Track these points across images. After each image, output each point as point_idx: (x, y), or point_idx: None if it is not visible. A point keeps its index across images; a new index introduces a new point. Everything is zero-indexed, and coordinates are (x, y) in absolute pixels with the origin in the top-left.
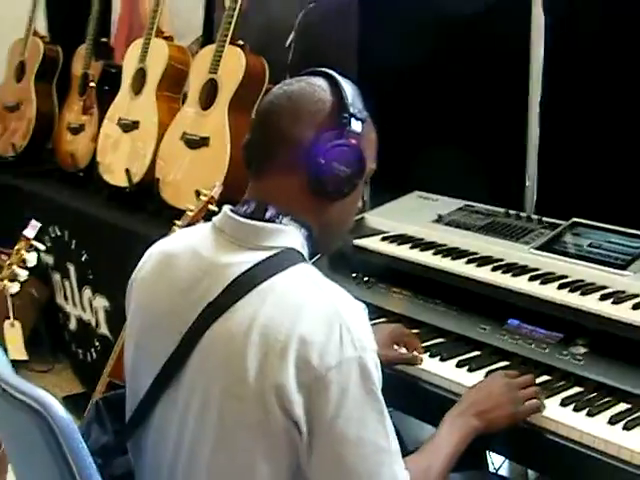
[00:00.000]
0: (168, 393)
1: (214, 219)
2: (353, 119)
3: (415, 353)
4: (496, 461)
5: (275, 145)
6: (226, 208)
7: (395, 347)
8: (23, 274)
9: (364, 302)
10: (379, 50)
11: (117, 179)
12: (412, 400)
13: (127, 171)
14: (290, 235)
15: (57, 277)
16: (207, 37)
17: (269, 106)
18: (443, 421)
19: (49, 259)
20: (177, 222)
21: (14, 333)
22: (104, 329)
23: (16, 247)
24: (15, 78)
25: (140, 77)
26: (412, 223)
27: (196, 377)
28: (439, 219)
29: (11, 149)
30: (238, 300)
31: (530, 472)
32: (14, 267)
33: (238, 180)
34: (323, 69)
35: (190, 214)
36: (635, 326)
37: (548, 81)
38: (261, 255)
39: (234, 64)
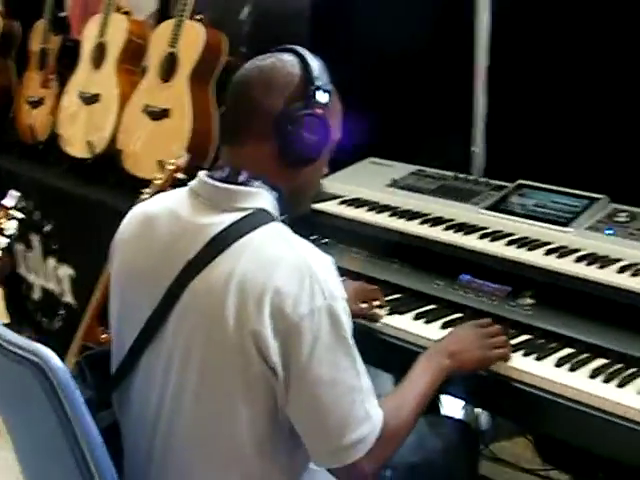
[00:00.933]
0: (152, 344)
1: (190, 184)
2: (320, 91)
3: (377, 310)
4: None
5: (248, 115)
6: (201, 173)
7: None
8: (3, 241)
9: None
10: (333, 21)
11: (78, 151)
12: (374, 351)
13: (89, 143)
14: (262, 197)
15: (20, 248)
16: (162, 11)
17: (242, 79)
18: (417, 362)
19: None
20: (145, 190)
21: None
22: (69, 297)
23: None
24: None
25: (100, 51)
26: (367, 187)
27: (179, 328)
28: (393, 183)
29: None
30: (216, 257)
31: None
32: None
33: (199, 149)
34: (292, 46)
35: (158, 182)
36: (578, 278)
37: (494, 47)
38: (236, 216)
39: (193, 38)
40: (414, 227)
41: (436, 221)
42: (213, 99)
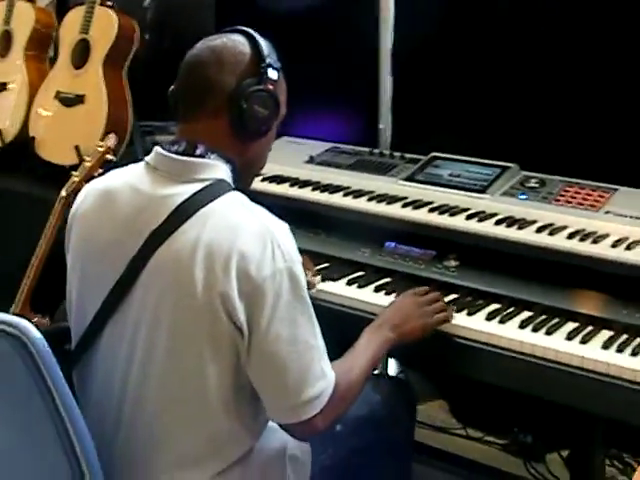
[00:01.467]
0: (117, 314)
1: (147, 158)
2: (270, 68)
3: (311, 278)
4: None
5: (202, 92)
6: (157, 148)
7: None
8: None
9: None
10: (236, 7)
11: None
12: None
13: None
14: (219, 169)
15: None
16: None
17: (194, 59)
18: (362, 335)
19: None
20: (74, 173)
21: None
22: None
23: None
24: None
25: (6, 39)
26: (286, 164)
27: (146, 296)
28: (310, 160)
29: None
30: (180, 225)
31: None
32: None
33: (116, 134)
34: (240, 27)
35: (88, 164)
36: (499, 239)
37: (398, 25)
38: (196, 186)
39: (106, 24)
40: (337, 199)
41: (358, 193)
42: (127, 84)
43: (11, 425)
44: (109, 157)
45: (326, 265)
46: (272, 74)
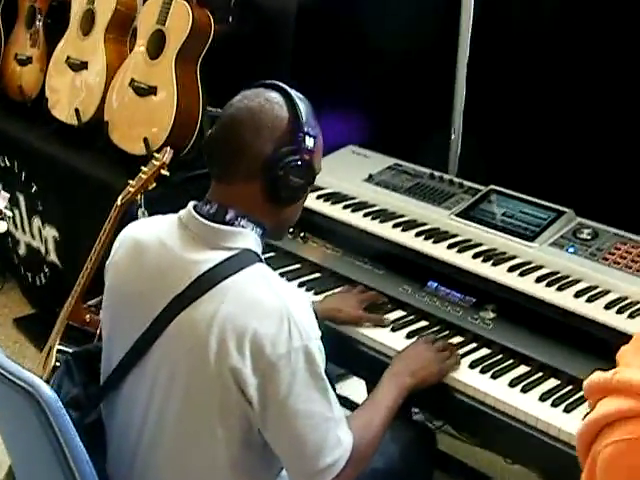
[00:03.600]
0: (139, 366)
1: (180, 214)
2: (307, 137)
3: (382, 316)
4: None
5: (237, 156)
6: (190, 206)
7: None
8: None
9: (299, 256)
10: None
11: (66, 116)
12: (345, 356)
13: (77, 111)
14: (247, 237)
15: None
16: None
17: (232, 120)
18: (381, 381)
19: None
20: (130, 183)
21: None
22: (53, 257)
23: None
24: None
25: (89, 18)
26: (346, 180)
27: (163, 357)
28: (369, 178)
29: None
30: (202, 295)
31: None
32: None
33: (183, 128)
34: (278, 83)
35: (143, 177)
36: (537, 298)
37: (475, 45)
38: (222, 255)
39: (181, 18)
40: (387, 230)
41: (408, 225)
42: (198, 78)
43: (23, 461)
44: (164, 172)
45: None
46: (309, 142)
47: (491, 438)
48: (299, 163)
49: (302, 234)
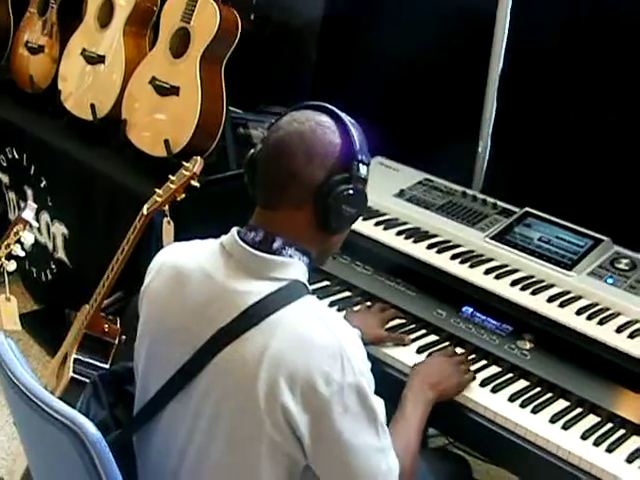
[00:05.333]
0: (177, 401)
1: (223, 241)
2: (361, 164)
3: (403, 335)
4: None
5: (287, 182)
6: (234, 232)
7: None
8: (20, 252)
9: (328, 273)
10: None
11: (80, 111)
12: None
13: (92, 106)
14: (295, 267)
15: (12, 196)
16: None
17: (281, 144)
18: (405, 399)
19: (4, 177)
20: (158, 192)
21: (10, 307)
22: (62, 254)
23: (14, 229)
24: None
25: (108, 9)
26: (376, 195)
27: (209, 390)
28: (400, 194)
29: None
30: (249, 329)
31: None
32: (12, 246)
33: (206, 131)
34: (326, 105)
35: (172, 186)
36: (577, 331)
37: (510, 58)
38: (270, 286)
39: (208, 17)
40: (421, 251)
41: (443, 246)
42: (222, 80)
43: None
44: (194, 183)
45: (401, 322)
46: (363, 171)
47: (534, 474)
48: (352, 192)
49: None
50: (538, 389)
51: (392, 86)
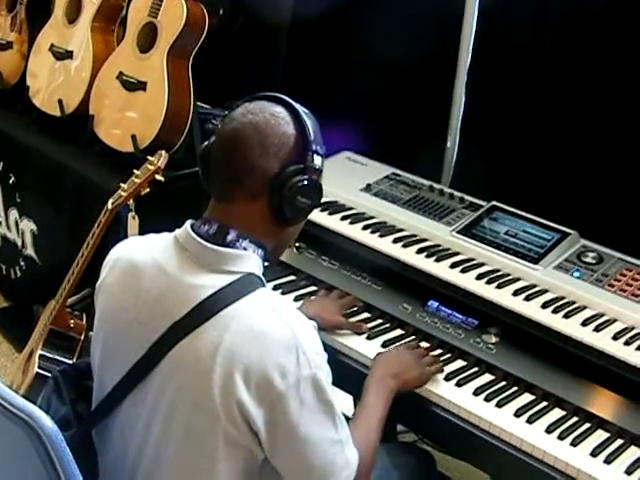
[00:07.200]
0: (134, 394)
1: (177, 234)
2: (315, 155)
3: (361, 323)
4: None
5: (241, 174)
6: (188, 225)
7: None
8: None
9: (294, 267)
10: None
11: (49, 107)
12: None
13: (60, 102)
14: (250, 260)
15: None
16: None
17: (235, 135)
18: (366, 389)
19: None
20: (123, 186)
21: None
22: (30, 251)
23: None
24: None
25: (76, 5)
26: (342, 189)
27: (164, 385)
28: (367, 188)
29: None
30: (203, 323)
31: None
32: None
33: (173, 127)
34: (281, 96)
35: (137, 181)
36: (542, 325)
37: (477, 52)
38: (223, 279)
39: (175, 11)
40: (387, 246)
41: (409, 241)
42: (190, 75)
43: None
44: (158, 178)
45: (366, 316)
46: (317, 161)
47: (500, 469)
48: (306, 183)
49: (297, 244)
50: (503, 383)
51: (361, 82)
